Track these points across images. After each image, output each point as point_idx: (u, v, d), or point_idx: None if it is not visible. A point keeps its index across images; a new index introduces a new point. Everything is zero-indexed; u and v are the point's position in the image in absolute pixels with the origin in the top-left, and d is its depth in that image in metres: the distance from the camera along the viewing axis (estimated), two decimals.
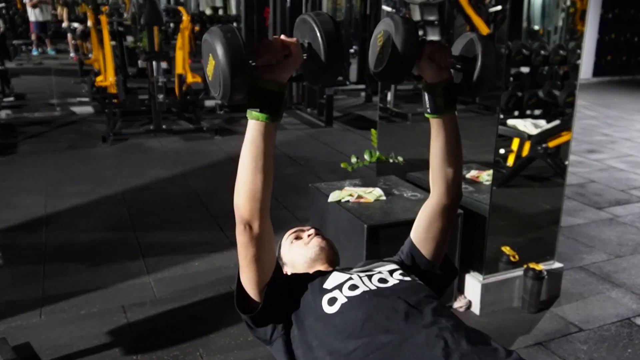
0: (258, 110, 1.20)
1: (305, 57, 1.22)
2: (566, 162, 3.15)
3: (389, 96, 4.47)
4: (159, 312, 2.99)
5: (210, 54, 1.14)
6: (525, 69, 3.46)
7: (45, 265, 3.46)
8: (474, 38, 1.36)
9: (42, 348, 2.65)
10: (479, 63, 1.33)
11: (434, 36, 4.79)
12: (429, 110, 1.37)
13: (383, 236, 2.60)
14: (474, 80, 1.35)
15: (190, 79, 7.49)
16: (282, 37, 1.20)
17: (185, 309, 3.02)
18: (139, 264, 3.50)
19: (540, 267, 2.98)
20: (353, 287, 1.34)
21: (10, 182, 5.07)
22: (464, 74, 1.37)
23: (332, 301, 1.31)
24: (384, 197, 2.91)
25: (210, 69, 1.16)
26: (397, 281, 1.38)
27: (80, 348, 2.66)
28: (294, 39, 1.21)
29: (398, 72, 1.30)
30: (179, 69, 7.46)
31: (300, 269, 1.54)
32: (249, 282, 1.34)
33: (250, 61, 1.16)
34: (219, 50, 1.11)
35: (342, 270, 1.48)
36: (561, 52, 3.37)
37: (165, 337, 2.76)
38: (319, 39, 1.19)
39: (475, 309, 3.00)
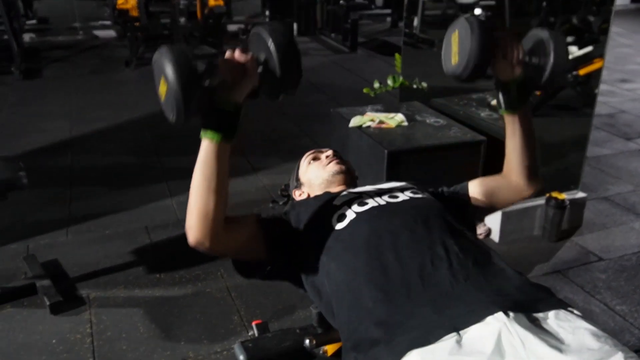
0: (212, 130, 1.16)
1: (260, 72, 1.16)
2: (596, 91, 3.05)
3: (416, 21, 4.32)
4: (181, 234, 3.02)
5: (162, 76, 1.09)
6: None
7: (71, 188, 3.53)
8: (545, 36, 1.32)
9: (69, 265, 2.74)
10: (551, 60, 1.30)
11: None
12: (503, 107, 1.35)
13: (404, 162, 2.58)
14: (547, 76, 1.32)
15: (212, 2, 7.34)
16: (237, 53, 1.14)
17: None
18: (162, 187, 3.55)
19: (563, 196, 2.94)
20: (362, 204, 1.33)
21: (36, 106, 5.11)
22: (535, 70, 1.34)
23: (341, 217, 1.31)
24: (406, 123, 2.86)
25: (162, 91, 1.11)
26: (408, 198, 1.36)
27: (106, 266, 2.75)
28: (248, 55, 1.15)
29: (472, 74, 1.27)
30: None
31: (317, 190, 1.53)
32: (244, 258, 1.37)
33: (205, 81, 1.12)
34: (170, 73, 1.06)
35: (353, 189, 1.47)
36: None
37: (187, 258, 2.80)
38: (273, 53, 1.14)
39: (495, 236, 3.00)
